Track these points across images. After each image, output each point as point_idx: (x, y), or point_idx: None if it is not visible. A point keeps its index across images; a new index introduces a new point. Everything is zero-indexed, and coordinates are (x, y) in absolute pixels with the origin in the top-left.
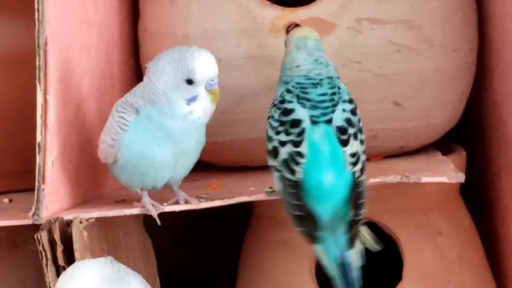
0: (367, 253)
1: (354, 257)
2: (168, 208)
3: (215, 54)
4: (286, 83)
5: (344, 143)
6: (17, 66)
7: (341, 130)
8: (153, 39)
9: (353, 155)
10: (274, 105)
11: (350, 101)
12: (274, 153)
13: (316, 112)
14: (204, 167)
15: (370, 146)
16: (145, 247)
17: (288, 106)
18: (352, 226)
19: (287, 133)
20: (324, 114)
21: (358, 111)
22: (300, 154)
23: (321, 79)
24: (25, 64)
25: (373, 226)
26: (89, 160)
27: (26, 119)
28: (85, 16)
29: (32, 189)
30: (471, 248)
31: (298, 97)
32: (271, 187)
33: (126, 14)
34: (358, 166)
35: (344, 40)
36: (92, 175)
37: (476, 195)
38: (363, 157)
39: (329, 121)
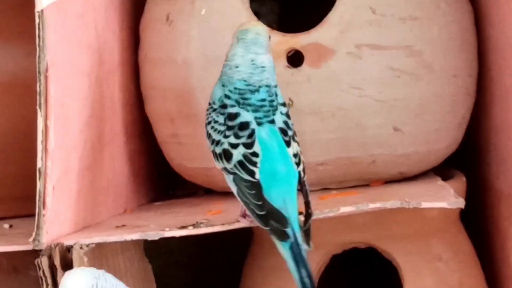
0: (368, 280)
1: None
2: (168, 233)
3: (215, 79)
4: (224, 85)
5: (287, 143)
6: (18, 92)
7: (283, 131)
8: (154, 65)
9: (295, 155)
10: (214, 110)
11: (284, 104)
12: (226, 155)
13: (259, 115)
14: (205, 192)
15: (370, 172)
16: (145, 272)
17: (232, 110)
18: (307, 221)
19: (237, 136)
20: (266, 116)
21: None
22: (254, 154)
23: (259, 86)
24: (26, 89)
25: (373, 252)
26: (89, 185)
27: (27, 144)
28: (86, 42)
29: (33, 215)
30: (471, 274)
31: (238, 102)
32: None
33: (126, 40)
34: (301, 166)
35: (344, 66)
36: (92, 201)
37: (476, 220)
38: (302, 157)
39: (272, 122)
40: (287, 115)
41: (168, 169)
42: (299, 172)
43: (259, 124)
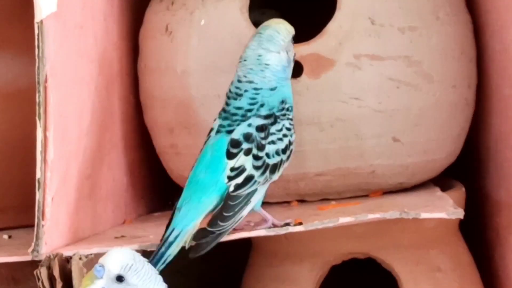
0: None
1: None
2: None
3: (215, 89)
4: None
5: (231, 156)
6: (17, 101)
7: (234, 143)
8: (153, 75)
9: (234, 169)
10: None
11: (267, 116)
12: None
13: (224, 123)
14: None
15: (369, 182)
16: None
17: (216, 117)
18: (204, 235)
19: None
20: (229, 125)
21: (275, 127)
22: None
23: (245, 91)
24: (26, 99)
25: (372, 262)
26: (88, 196)
27: (26, 155)
28: (85, 52)
29: (32, 225)
30: (470, 284)
31: (223, 107)
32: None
33: (126, 49)
34: (237, 181)
35: (343, 76)
36: (91, 211)
37: (475, 231)
38: (252, 172)
39: (230, 132)
40: (260, 128)
41: (167, 179)
42: (228, 186)
43: (218, 132)
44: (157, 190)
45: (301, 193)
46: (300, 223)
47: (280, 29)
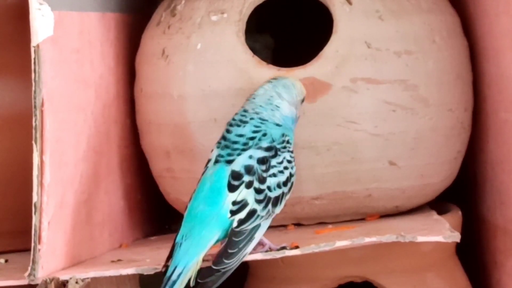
0: None
1: None
2: (164, 268)
3: (211, 114)
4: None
5: (232, 188)
6: (14, 126)
7: (235, 176)
8: (149, 99)
9: (236, 203)
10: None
11: (268, 149)
12: None
13: (223, 152)
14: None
15: (365, 206)
16: None
17: (214, 147)
18: (209, 273)
19: (202, 174)
20: (229, 155)
21: (275, 160)
22: (193, 192)
23: (251, 119)
24: (22, 123)
25: (369, 286)
26: (85, 220)
27: (23, 179)
28: (82, 76)
29: (28, 249)
30: None
31: (221, 137)
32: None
33: (122, 74)
34: (240, 216)
35: (339, 100)
36: (88, 235)
37: (472, 254)
38: (254, 206)
39: (229, 162)
40: (261, 160)
41: (164, 203)
42: (232, 221)
43: (216, 161)
44: (154, 214)
45: (297, 217)
46: (297, 247)
47: (296, 85)
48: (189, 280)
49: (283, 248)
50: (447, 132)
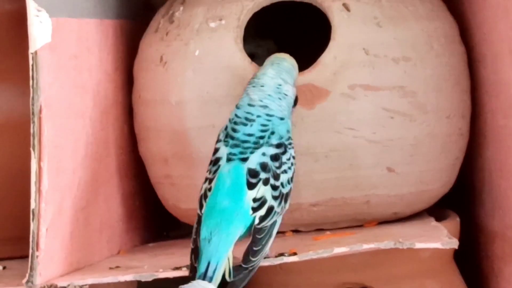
0: None
1: None
2: (162, 274)
3: (209, 120)
4: (237, 108)
5: (251, 186)
6: (12, 132)
7: (252, 173)
8: (147, 106)
9: (256, 200)
10: (224, 129)
11: (279, 145)
12: (201, 189)
13: (235, 150)
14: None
15: (364, 212)
16: None
17: (217, 145)
18: (239, 272)
19: (209, 171)
20: (242, 153)
21: (285, 156)
22: (210, 189)
23: (258, 116)
24: (20, 130)
25: None
26: (83, 226)
27: (21, 185)
28: (80, 83)
29: (26, 256)
30: None
31: (226, 135)
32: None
33: (120, 80)
34: (260, 213)
35: (338, 106)
36: (86, 242)
37: (470, 261)
38: (272, 203)
39: (244, 160)
40: (274, 157)
41: (162, 210)
42: (253, 218)
43: (229, 160)
44: (152, 220)
45: (296, 223)
46: (295, 253)
47: (294, 64)
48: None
49: (281, 254)
50: (445, 139)
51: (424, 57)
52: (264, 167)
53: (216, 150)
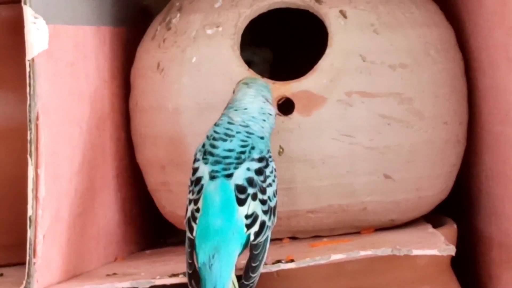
0: None
1: None
2: (159, 281)
3: (206, 127)
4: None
5: (240, 202)
6: (9, 139)
7: (240, 189)
8: (144, 113)
9: (248, 216)
10: (201, 146)
11: (260, 159)
12: (186, 212)
13: (217, 167)
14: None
15: (360, 219)
16: None
17: (195, 165)
18: None
19: (193, 192)
20: (225, 169)
21: (268, 169)
22: (198, 210)
23: (238, 132)
24: (17, 137)
25: None
26: (80, 233)
27: (18, 192)
28: (77, 90)
29: (23, 263)
30: None
31: (205, 152)
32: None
33: (117, 88)
34: (254, 229)
35: (334, 113)
36: (83, 249)
37: (467, 268)
38: (263, 218)
39: (228, 176)
40: (258, 171)
41: (159, 217)
42: (248, 235)
43: (213, 178)
44: (149, 227)
45: (292, 230)
46: (292, 260)
47: (266, 83)
48: None
49: (278, 261)
50: (442, 145)
51: (421, 64)
52: (250, 182)
53: (195, 170)
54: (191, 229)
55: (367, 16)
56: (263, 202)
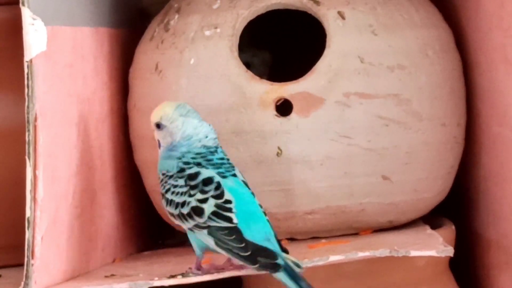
0: None
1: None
2: (158, 283)
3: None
4: (179, 158)
5: (253, 194)
6: (7, 140)
7: (246, 185)
8: (143, 114)
9: (260, 206)
10: (170, 177)
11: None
12: (196, 212)
13: (221, 170)
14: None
15: (359, 220)
16: None
17: (191, 171)
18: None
19: (203, 192)
20: (228, 171)
21: None
22: (227, 202)
23: (216, 147)
24: (16, 138)
25: None
26: (78, 235)
27: (16, 194)
28: (75, 91)
29: (22, 264)
30: None
31: (199, 164)
32: None
33: (115, 89)
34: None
35: (332, 115)
36: (81, 250)
37: (465, 269)
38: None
39: (234, 175)
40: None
41: (157, 218)
42: (268, 220)
43: (223, 177)
44: (147, 229)
45: (291, 232)
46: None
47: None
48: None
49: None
50: (440, 147)
51: (419, 65)
52: (246, 183)
53: (196, 174)
54: (227, 219)
55: (365, 18)
56: None
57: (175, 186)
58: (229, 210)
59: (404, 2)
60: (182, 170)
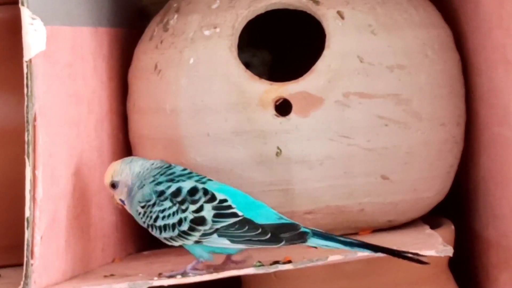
0: None
1: None
2: (157, 282)
3: (204, 128)
4: (151, 182)
5: None
6: (6, 140)
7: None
8: (142, 114)
9: None
10: (153, 204)
11: None
12: (198, 223)
13: (196, 178)
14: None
15: (358, 220)
16: None
17: (172, 189)
18: None
19: (194, 202)
20: (202, 177)
21: None
22: (223, 200)
23: (168, 163)
24: (15, 138)
25: None
26: (78, 235)
27: (15, 194)
28: (74, 91)
29: (21, 264)
30: None
31: (172, 180)
32: (259, 261)
33: (115, 89)
34: None
35: (332, 114)
36: (80, 250)
37: (465, 269)
38: None
39: (210, 179)
40: None
41: None
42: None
43: (202, 183)
44: (147, 229)
45: None
46: (289, 261)
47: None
48: None
49: (276, 262)
50: (439, 147)
51: (419, 65)
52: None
53: (178, 190)
54: (232, 215)
55: (364, 17)
56: None
57: (163, 211)
58: (229, 207)
59: (403, 2)
60: (162, 192)
